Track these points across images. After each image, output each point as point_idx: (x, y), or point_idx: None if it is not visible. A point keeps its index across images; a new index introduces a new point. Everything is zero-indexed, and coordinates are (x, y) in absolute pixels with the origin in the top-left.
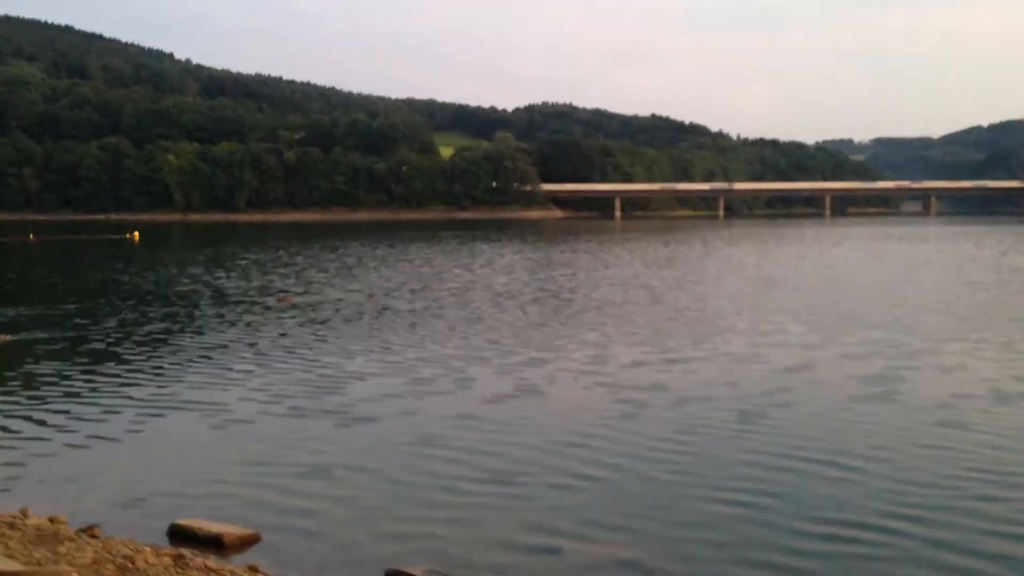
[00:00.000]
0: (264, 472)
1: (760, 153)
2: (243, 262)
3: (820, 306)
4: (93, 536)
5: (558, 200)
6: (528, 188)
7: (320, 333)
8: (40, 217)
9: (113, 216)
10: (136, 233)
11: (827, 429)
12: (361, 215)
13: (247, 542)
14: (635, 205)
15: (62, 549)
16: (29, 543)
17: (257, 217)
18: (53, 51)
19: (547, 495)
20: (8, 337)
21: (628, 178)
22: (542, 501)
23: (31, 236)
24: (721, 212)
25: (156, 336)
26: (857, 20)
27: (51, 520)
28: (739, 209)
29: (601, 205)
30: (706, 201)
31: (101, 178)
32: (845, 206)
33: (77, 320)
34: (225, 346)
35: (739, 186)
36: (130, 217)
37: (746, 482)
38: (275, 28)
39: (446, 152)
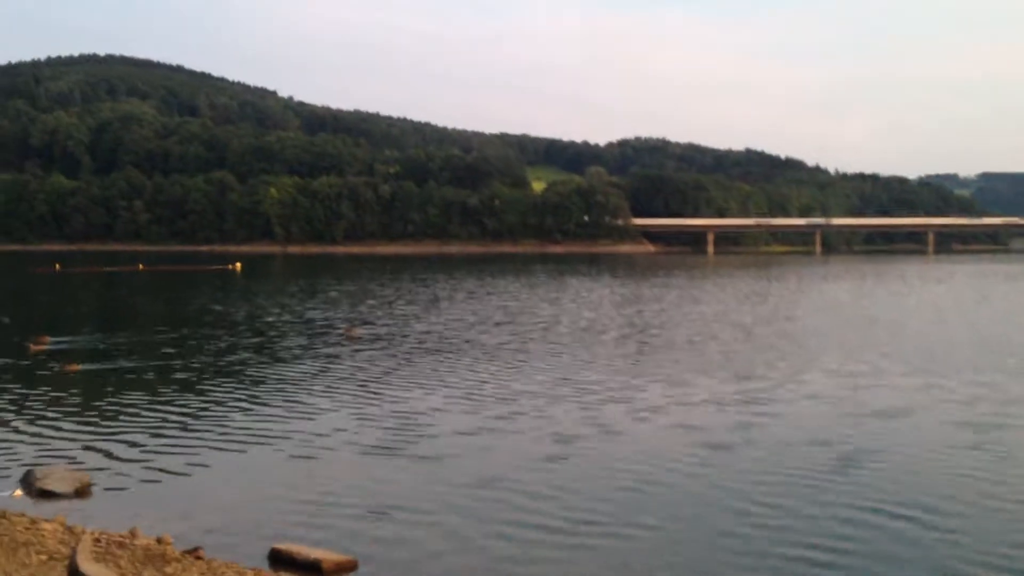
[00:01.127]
0: (355, 502)
1: (859, 188)
2: (334, 293)
3: (919, 347)
4: (198, 558)
5: (650, 234)
6: (620, 222)
7: (402, 366)
8: (148, 248)
9: (216, 247)
10: (239, 264)
11: (926, 481)
12: (454, 248)
13: (345, 569)
14: (728, 240)
15: (169, 570)
16: (138, 563)
17: (354, 249)
18: (165, 89)
19: (619, 546)
20: (78, 366)
21: (721, 213)
22: (615, 552)
23: (140, 266)
24: (818, 248)
25: (243, 366)
26: (961, 49)
27: (158, 541)
28: (837, 245)
29: (693, 240)
30: (802, 236)
31: (206, 211)
32: (949, 243)
33: (169, 348)
34: (312, 376)
35: (837, 221)
36: (232, 248)
37: (836, 539)
38: (374, 66)
39: (538, 186)
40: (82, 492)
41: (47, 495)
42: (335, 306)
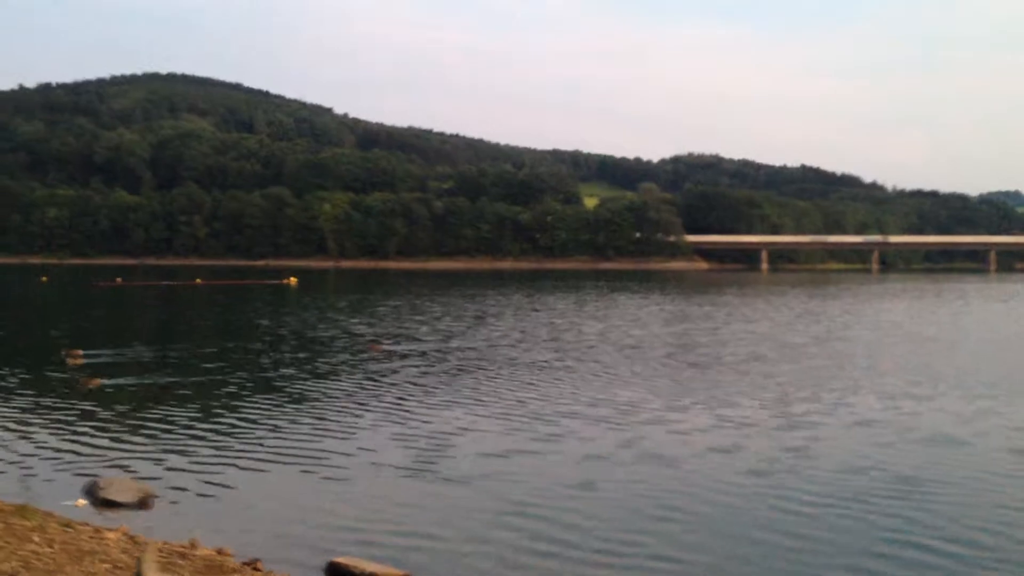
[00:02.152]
0: (404, 519)
1: (918, 205)
2: (382, 309)
3: (979, 370)
4: (256, 570)
5: (703, 251)
6: (672, 239)
7: (445, 383)
8: (206, 262)
9: (272, 262)
10: (294, 278)
11: (981, 512)
12: (506, 264)
13: None
14: (783, 257)
15: None
16: (199, 574)
17: (406, 264)
18: (223, 107)
19: (661, 572)
20: (100, 381)
21: (776, 230)
22: None
23: (198, 280)
24: (875, 265)
25: (288, 381)
26: (1021, 62)
27: (218, 553)
28: (895, 263)
29: (747, 257)
30: (859, 254)
31: (263, 226)
32: (1012, 261)
33: (217, 362)
34: (355, 392)
35: (894, 239)
36: (288, 263)
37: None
38: (427, 83)
39: (591, 203)
40: (144, 503)
41: (110, 505)
42: (382, 321)
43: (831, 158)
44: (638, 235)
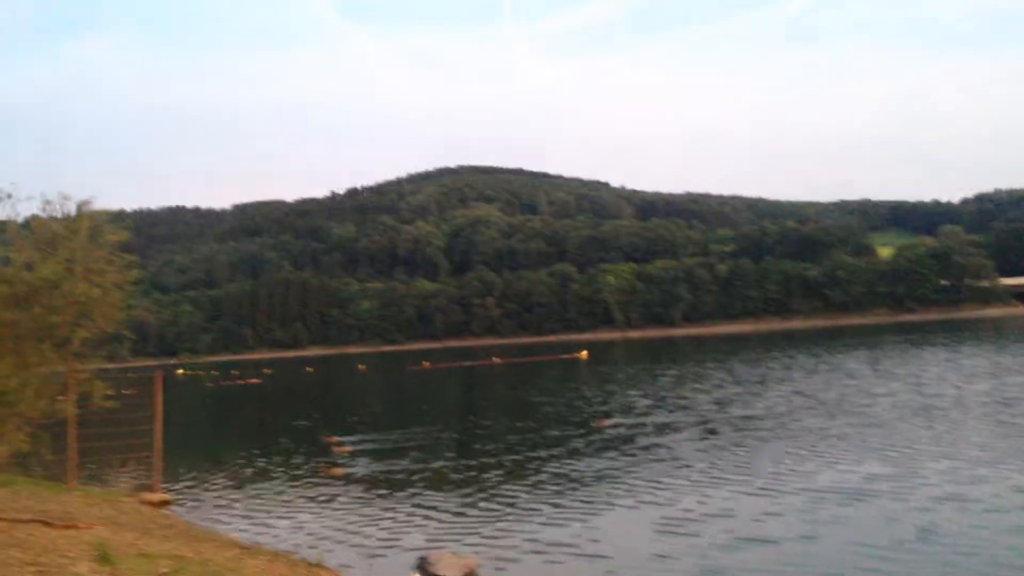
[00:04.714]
0: None
1: None
2: (663, 378)
3: None
4: None
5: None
6: (984, 284)
7: (716, 453)
8: (501, 341)
9: (562, 337)
10: (585, 352)
11: None
12: (795, 323)
13: None
14: None
15: None
16: None
17: (692, 330)
18: (508, 192)
19: None
20: (348, 448)
21: None
22: None
23: (495, 359)
24: None
25: (552, 457)
26: None
27: None
28: None
29: None
30: None
31: (550, 302)
32: None
33: (511, 437)
34: (626, 468)
35: None
36: (576, 337)
37: None
38: (701, 149)
39: (885, 252)
40: None
41: None
42: (660, 391)
43: None
44: (943, 283)
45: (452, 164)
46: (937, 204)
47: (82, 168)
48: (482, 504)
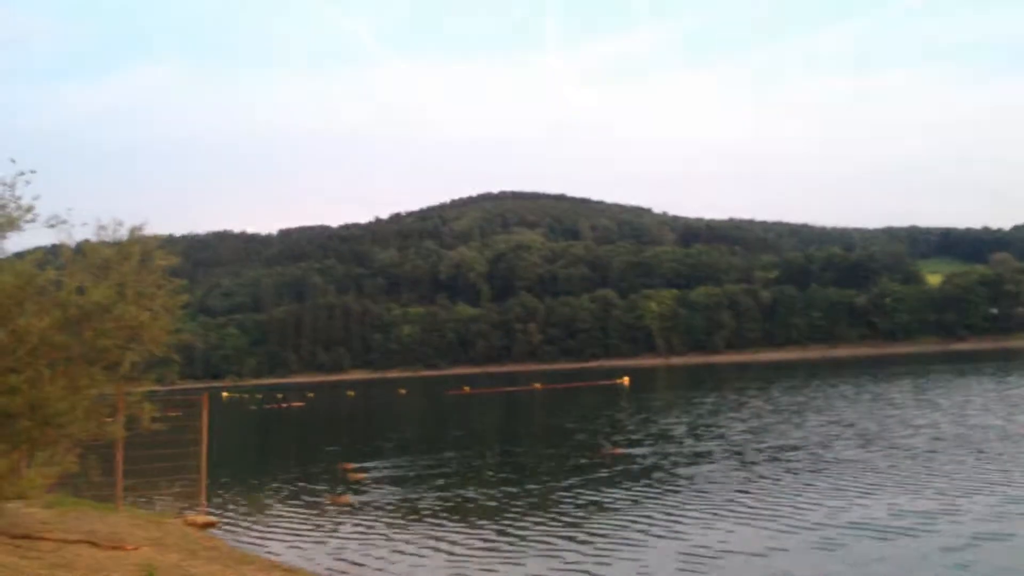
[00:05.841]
0: None
1: None
2: (701, 406)
3: None
4: None
5: None
6: None
7: (745, 485)
8: (542, 367)
9: (604, 362)
10: (626, 378)
11: None
12: (841, 351)
13: None
14: None
15: None
16: None
17: (735, 357)
18: (550, 217)
19: None
20: (364, 475)
21: None
22: None
23: (536, 385)
24: None
25: (578, 486)
26: None
27: None
28: None
29: None
30: None
31: (592, 328)
32: None
33: (523, 472)
34: (669, 496)
35: None
36: (618, 363)
37: None
38: (744, 174)
39: (934, 280)
40: None
41: None
42: (697, 418)
43: None
44: (994, 311)
45: (494, 189)
46: (987, 231)
47: (135, 192)
48: (503, 536)
